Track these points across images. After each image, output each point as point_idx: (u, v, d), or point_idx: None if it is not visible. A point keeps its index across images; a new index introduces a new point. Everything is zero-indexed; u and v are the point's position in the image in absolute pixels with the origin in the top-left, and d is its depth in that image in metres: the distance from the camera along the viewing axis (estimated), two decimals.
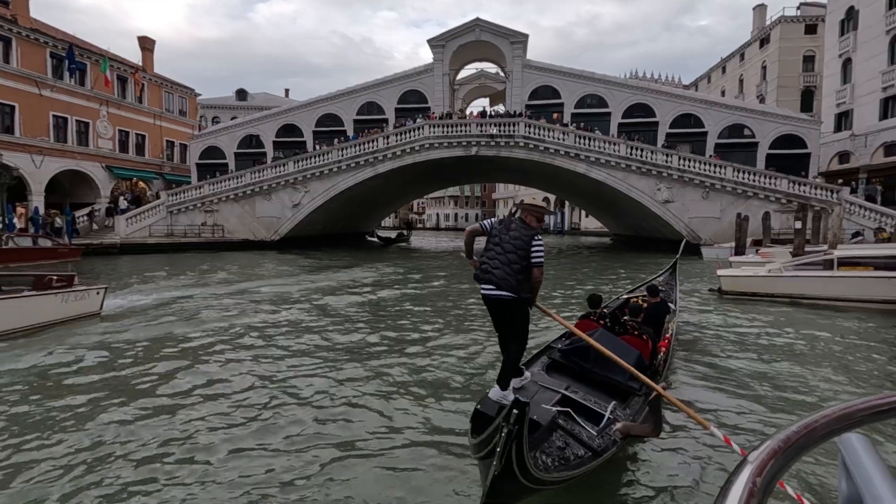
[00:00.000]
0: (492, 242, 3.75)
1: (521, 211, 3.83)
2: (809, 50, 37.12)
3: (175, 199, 28.24)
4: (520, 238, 3.63)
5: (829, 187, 24.31)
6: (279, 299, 11.27)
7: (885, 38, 27.51)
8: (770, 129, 28.16)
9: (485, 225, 3.87)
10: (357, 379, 5.67)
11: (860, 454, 0.70)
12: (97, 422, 4.40)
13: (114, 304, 10.02)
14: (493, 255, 3.68)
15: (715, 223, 24.63)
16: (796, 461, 0.75)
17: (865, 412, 0.82)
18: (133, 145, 32.94)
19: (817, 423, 0.78)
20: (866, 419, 0.82)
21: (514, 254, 3.60)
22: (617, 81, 31.17)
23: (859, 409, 0.82)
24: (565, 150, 26.13)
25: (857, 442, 0.72)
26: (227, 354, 6.71)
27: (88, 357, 6.48)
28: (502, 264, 3.61)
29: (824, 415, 0.80)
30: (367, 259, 22.37)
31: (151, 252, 24.08)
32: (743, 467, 0.69)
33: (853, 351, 7.11)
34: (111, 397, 5.02)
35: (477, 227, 3.91)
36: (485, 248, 3.78)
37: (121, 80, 31.97)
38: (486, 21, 30.83)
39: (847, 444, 0.73)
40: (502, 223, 3.79)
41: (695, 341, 7.56)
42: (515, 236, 3.64)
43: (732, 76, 44.75)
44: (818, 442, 0.78)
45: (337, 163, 27.64)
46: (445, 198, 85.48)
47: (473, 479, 3.44)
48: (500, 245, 3.67)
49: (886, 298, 9.58)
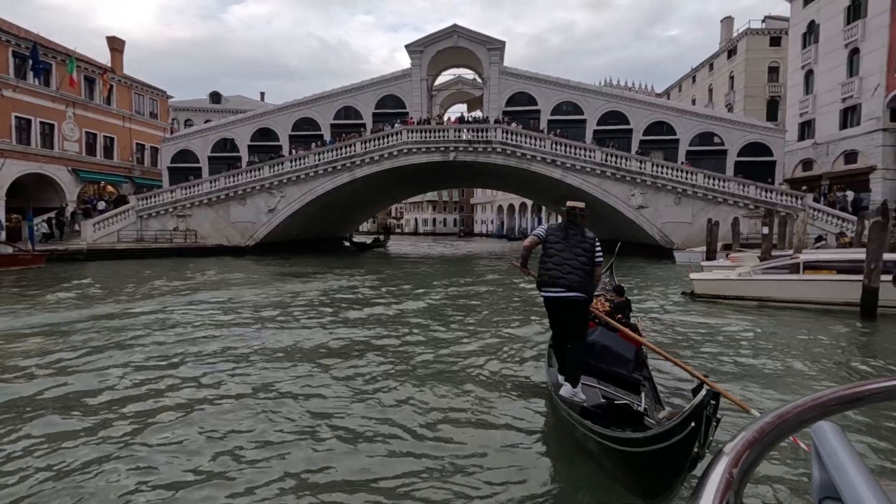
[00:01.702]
0: (554, 249, 4.00)
1: (569, 214, 4.12)
2: (774, 61, 38.59)
3: (146, 204, 27.45)
4: (585, 242, 3.97)
5: (794, 194, 25.25)
6: (229, 310, 10.40)
7: (843, 51, 28.80)
8: (738, 137, 29.11)
9: (540, 234, 4.14)
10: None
11: (832, 442, 0.71)
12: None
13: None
14: (560, 261, 3.92)
15: (687, 228, 25.27)
16: (772, 450, 0.77)
17: (835, 402, 0.85)
18: (101, 148, 31.93)
19: (790, 414, 0.80)
20: (836, 408, 0.85)
21: (584, 257, 3.92)
22: (592, 89, 31.77)
23: (829, 398, 0.85)
24: (542, 157, 26.46)
25: (829, 430, 0.74)
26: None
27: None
28: (573, 269, 3.89)
29: (796, 405, 0.82)
30: (341, 265, 22.14)
31: (120, 258, 23.31)
32: (719, 459, 0.70)
33: (816, 348, 7.38)
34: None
35: (536, 238, 4.18)
36: (546, 255, 4.03)
37: (88, 81, 30.99)
38: (464, 27, 31.06)
39: (819, 432, 0.74)
40: (557, 230, 4.07)
41: (672, 343, 7.72)
42: (580, 240, 3.97)
43: (702, 85, 46.14)
44: (791, 431, 0.80)
45: (314, 167, 27.35)
46: (424, 203, 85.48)
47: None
48: (568, 250, 3.93)
49: (848, 301, 9.96)
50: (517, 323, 9.23)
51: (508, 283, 15.50)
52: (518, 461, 3.81)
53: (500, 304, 11.70)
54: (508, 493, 3.38)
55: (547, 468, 3.76)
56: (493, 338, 7.99)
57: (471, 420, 4.62)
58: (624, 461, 2.85)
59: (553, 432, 4.35)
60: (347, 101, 32.18)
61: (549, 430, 4.42)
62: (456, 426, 4.46)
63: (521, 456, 3.90)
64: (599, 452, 3.12)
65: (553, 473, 3.68)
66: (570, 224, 4.07)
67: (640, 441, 2.70)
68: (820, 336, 8.25)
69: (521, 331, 8.48)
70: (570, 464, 3.79)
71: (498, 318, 9.84)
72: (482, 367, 6.31)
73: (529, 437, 4.24)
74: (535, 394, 5.29)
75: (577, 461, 3.67)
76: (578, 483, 3.56)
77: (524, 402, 5.06)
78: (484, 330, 8.58)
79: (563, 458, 3.91)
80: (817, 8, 31.05)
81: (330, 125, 31.97)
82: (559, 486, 3.52)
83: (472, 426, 4.47)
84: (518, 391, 5.42)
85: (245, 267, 20.47)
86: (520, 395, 5.31)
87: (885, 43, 26.15)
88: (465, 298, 12.45)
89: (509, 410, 4.83)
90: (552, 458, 3.94)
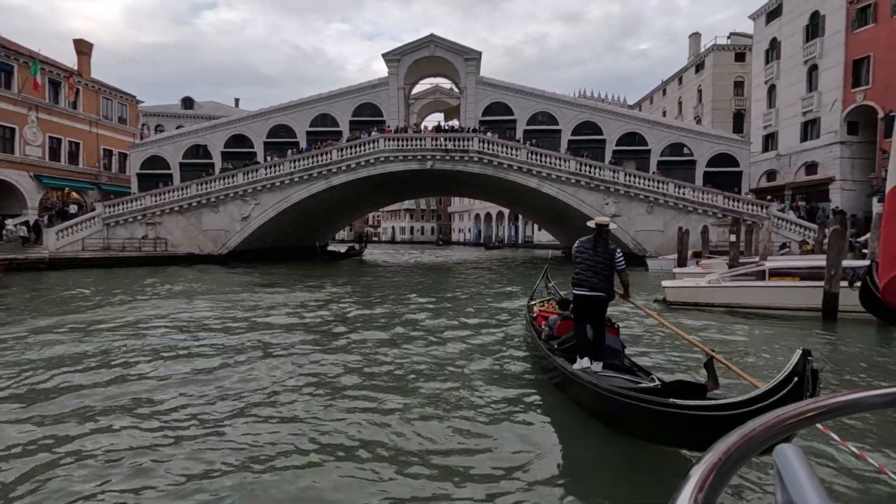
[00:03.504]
0: (583, 258, 5.10)
1: (598, 229, 5.14)
2: (739, 76, 40.12)
3: (113, 211, 26.59)
4: (607, 252, 5.03)
5: (760, 203, 26.20)
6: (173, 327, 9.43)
7: (803, 67, 30.16)
8: (706, 149, 30.06)
9: (575, 247, 5.25)
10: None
11: (794, 465, 0.71)
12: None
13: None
14: (587, 268, 5.04)
15: (659, 236, 25.88)
16: (738, 470, 0.76)
17: (798, 418, 0.85)
18: (66, 153, 30.86)
19: (755, 432, 0.79)
20: (800, 424, 0.85)
21: (604, 264, 4.99)
22: (566, 100, 32.39)
23: (795, 414, 0.85)
24: (518, 166, 26.76)
25: (790, 453, 0.74)
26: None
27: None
28: (595, 274, 4.99)
29: (762, 422, 0.81)
30: (316, 276, 21.85)
31: (84, 267, 22.45)
32: (684, 484, 0.68)
33: (780, 356, 7.60)
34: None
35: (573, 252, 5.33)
36: (578, 262, 5.13)
37: (53, 85, 30.00)
38: (441, 37, 31.29)
39: (781, 455, 0.74)
40: (587, 242, 5.15)
41: (646, 349, 7.84)
42: (603, 251, 5.03)
43: (672, 98, 47.58)
44: (757, 450, 0.79)
45: (289, 175, 27.01)
46: (401, 211, 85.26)
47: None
48: (594, 259, 5.02)
49: (811, 306, 10.33)
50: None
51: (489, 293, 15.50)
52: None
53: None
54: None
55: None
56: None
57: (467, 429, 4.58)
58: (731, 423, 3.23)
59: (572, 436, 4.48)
60: (324, 109, 31.97)
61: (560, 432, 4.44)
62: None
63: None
64: (676, 422, 3.55)
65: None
66: (599, 237, 5.09)
67: (753, 399, 3.17)
68: (782, 341, 8.51)
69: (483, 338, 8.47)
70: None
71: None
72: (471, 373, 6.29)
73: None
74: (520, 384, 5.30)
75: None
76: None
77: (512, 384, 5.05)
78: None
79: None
80: (779, 26, 32.49)
81: (306, 132, 31.67)
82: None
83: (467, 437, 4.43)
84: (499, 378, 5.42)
85: (214, 277, 19.98)
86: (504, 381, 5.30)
87: (841, 60, 27.51)
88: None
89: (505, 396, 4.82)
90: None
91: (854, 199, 27.10)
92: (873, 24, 26.01)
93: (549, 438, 4.50)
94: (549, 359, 5.44)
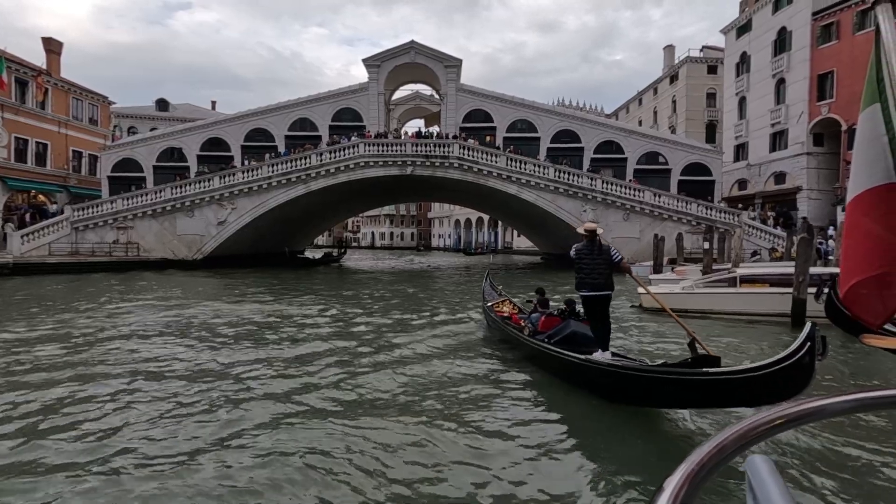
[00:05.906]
0: (583, 263, 5.67)
1: (591, 234, 5.74)
2: (711, 88, 41.35)
3: (82, 215, 25.77)
4: (604, 254, 5.66)
5: (732, 211, 26.96)
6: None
7: (771, 80, 31.27)
8: (681, 158, 30.82)
9: (572, 254, 5.81)
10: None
11: (764, 476, 0.72)
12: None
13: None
14: (589, 270, 5.65)
15: (635, 243, 26.36)
16: (711, 479, 0.77)
17: (767, 426, 0.86)
18: (32, 154, 29.83)
19: (726, 441, 0.80)
20: (770, 432, 0.86)
21: (604, 265, 5.63)
22: (545, 108, 32.84)
23: (761, 424, 0.85)
24: (498, 172, 26.97)
25: (761, 463, 0.75)
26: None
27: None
28: (599, 274, 5.61)
29: (732, 431, 0.82)
30: (292, 283, 21.54)
31: (50, 273, 21.64)
32: (659, 496, 0.69)
33: (753, 356, 7.79)
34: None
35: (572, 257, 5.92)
36: (579, 267, 5.70)
37: (20, 84, 29.01)
38: (421, 44, 31.41)
39: (752, 466, 0.76)
40: (584, 247, 5.71)
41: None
42: (600, 251, 5.66)
43: (648, 108, 48.71)
44: (729, 458, 0.80)
45: (267, 179, 26.64)
46: (381, 216, 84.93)
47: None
48: (594, 261, 5.62)
49: (780, 312, 10.64)
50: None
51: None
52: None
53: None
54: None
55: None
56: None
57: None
58: (761, 381, 3.79)
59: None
60: (303, 113, 31.69)
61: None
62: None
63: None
64: (703, 387, 4.20)
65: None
66: (592, 240, 5.70)
67: (779, 360, 3.66)
68: (752, 344, 8.75)
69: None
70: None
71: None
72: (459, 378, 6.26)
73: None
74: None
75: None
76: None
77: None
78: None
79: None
80: (748, 40, 33.65)
81: (285, 136, 31.32)
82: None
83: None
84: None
85: (184, 282, 19.51)
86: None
87: (806, 74, 28.62)
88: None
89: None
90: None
91: (820, 207, 28.14)
92: (836, 41, 27.16)
93: (586, 425, 4.93)
94: (549, 352, 6.00)
